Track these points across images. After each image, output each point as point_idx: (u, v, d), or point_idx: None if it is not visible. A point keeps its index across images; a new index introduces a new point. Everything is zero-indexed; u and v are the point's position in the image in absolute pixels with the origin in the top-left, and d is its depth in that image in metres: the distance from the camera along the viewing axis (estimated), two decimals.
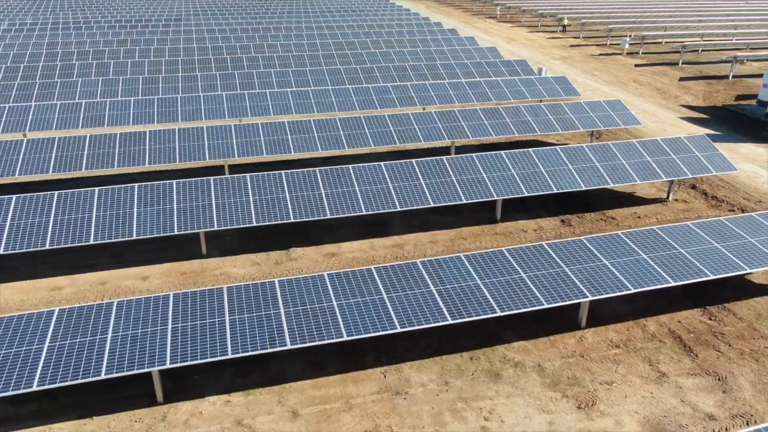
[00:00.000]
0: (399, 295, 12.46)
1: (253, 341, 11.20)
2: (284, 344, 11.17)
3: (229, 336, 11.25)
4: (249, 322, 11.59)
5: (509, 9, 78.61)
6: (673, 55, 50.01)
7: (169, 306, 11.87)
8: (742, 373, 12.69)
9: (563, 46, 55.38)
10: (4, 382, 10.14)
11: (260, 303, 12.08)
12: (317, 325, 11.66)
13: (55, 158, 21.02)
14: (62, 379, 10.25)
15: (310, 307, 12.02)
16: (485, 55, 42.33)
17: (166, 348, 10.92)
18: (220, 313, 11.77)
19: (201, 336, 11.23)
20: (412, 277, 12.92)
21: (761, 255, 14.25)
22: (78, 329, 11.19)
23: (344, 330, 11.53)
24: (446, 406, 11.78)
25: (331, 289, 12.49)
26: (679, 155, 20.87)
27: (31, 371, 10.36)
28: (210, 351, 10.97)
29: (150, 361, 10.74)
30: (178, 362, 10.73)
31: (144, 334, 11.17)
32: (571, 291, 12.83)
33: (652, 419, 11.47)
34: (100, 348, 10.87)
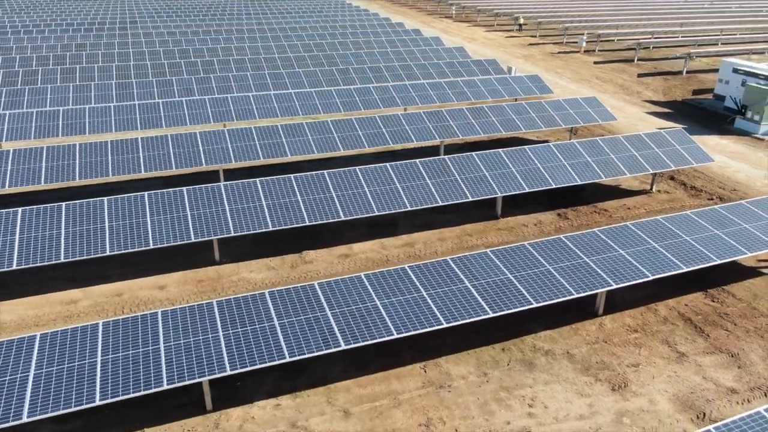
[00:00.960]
0: (438, 292, 12.87)
1: (307, 344, 11.38)
2: (338, 345, 11.41)
3: (283, 340, 11.40)
4: (299, 325, 11.76)
5: (464, 9, 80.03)
6: (627, 52, 52.24)
7: (215, 313, 11.90)
8: (751, 349, 13.72)
9: (522, 44, 56.93)
10: (65, 398, 9.99)
11: (305, 306, 12.25)
12: (366, 325, 11.94)
13: (45, 169, 20.39)
14: (124, 392, 10.18)
15: (355, 307, 12.28)
16: (454, 54, 43.18)
17: (223, 355, 10.97)
18: (268, 318, 11.88)
19: (254, 341, 11.33)
20: (446, 274, 13.35)
21: (757, 239, 15.38)
22: (128, 341, 11.10)
23: (393, 328, 11.86)
24: (490, 396, 12.27)
25: (371, 290, 12.78)
26: (662, 149, 22.09)
27: (90, 386, 10.23)
28: (267, 355, 11.09)
29: (209, 369, 10.77)
30: (237, 368, 10.81)
31: (196, 343, 11.18)
32: (595, 280, 13.55)
33: (681, 396, 12.30)
34: (156, 359, 10.82)
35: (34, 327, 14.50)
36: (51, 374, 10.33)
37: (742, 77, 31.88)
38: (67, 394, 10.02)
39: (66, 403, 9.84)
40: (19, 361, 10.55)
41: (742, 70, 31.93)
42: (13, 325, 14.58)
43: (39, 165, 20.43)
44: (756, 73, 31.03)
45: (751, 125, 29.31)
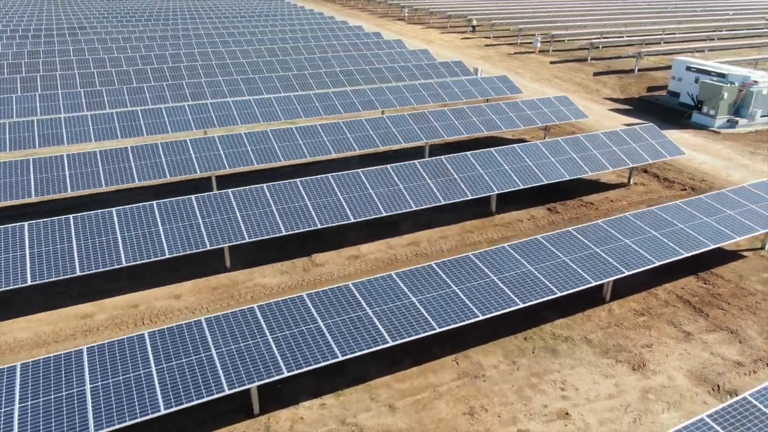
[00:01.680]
0: (467, 286, 13.44)
1: (356, 342, 11.72)
2: (386, 342, 11.79)
3: (331, 340, 11.69)
4: (343, 325, 12.07)
5: (416, 11, 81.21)
6: (579, 52, 54.47)
7: (258, 318, 12.06)
8: (747, 326, 14.93)
9: (478, 46, 58.41)
10: (129, 409, 9.96)
11: (345, 306, 12.57)
12: (407, 321, 12.37)
13: (34, 181, 19.81)
14: (187, 399, 10.25)
15: (393, 305, 12.69)
16: (419, 57, 43.98)
17: (277, 359, 11.17)
18: (312, 320, 12.13)
19: (304, 343, 11.58)
20: (471, 269, 13.94)
21: (743, 225, 16.71)
22: (179, 349, 11.14)
23: (434, 323, 12.34)
24: (523, 383, 12.93)
25: (405, 287, 13.22)
26: (638, 144, 23.44)
27: (151, 396, 10.24)
28: (320, 356, 11.36)
29: (263, 373, 10.96)
30: (294, 370, 11.04)
31: (247, 347, 11.33)
32: (608, 268, 14.45)
33: (695, 371, 13.31)
34: (211, 366, 10.92)
35: (54, 343, 14.20)
36: (108, 386, 10.29)
37: (695, 75, 33.98)
38: (129, 406, 10.02)
39: (131, 415, 9.84)
40: (72, 375, 10.44)
41: (694, 68, 34.04)
42: (30, 342, 14.23)
43: (27, 178, 19.81)
44: (708, 71, 33.16)
45: (707, 119, 31.31)
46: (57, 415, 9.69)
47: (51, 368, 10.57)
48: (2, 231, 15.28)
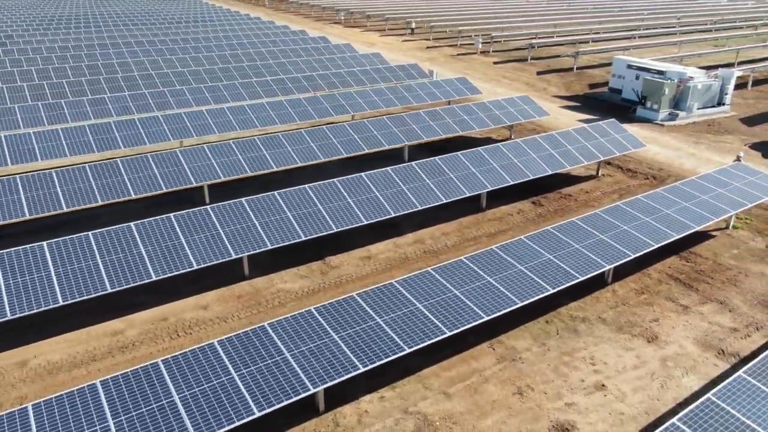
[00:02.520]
0: (501, 276, 14.48)
1: (417, 336, 12.47)
2: (443, 333, 12.62)
3: (395, 336, 12.38)
4: (401, 321, 12.79)
5: (352, 14, 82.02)
6: (518, 52, 57.13)
7: (319, 319, 12.57)
8: (732, 296, 16.84)
9: (420, 48, 59.98)
10: (224, 415, 10.26)
11: (396, 303, 13.29)
12: (457, 313, 13.25)
13: (26, 199, 19.17)
14: (277, 401, 10.66)
15: (439, 299, 13.53)
16: (372, 60, 44.86)
17: (348, 355, 11.75)
18: (370, 317, 12.77)
19: (368, 340, 12.21)
20: (499, 261, 15.00)
21: (716, 208, 18.72)
22: (253, 356, 11.49)
23: (482, 313, 13.28)
24: (557, 362, 14.12)
25: (444, 281, 14.09)
26: (605, 138, 25.40)
27: (241, 401, 10.56)
28: (392, 351, 12.03)
29: (336, 374, 11.50)
30: (367, 365, 11.66)
31: (318, 348, 11.84)
32: (617, 253, 15.92)
33: (700, 339, 14.97)
34: (289, 367, 11.35)
35: (92, 362, 14.06)
36: (196, 395, 10.53)
37: (635, 72, 36.76)
38: (224, 411, 10.32)
39: (228, 420, 10.16)
40: (156, 387, 10.59)
41: (635, 66, 36.82)
42: (66, 363, 14.01)
43: (17, 196, 19.13)
44: (647, 68, 35.99)
45: (651, 113, 34.04)
46: (155, 427, 9.88)
47: (132, 382, 10.67)
48: (22, 252, 14.89)
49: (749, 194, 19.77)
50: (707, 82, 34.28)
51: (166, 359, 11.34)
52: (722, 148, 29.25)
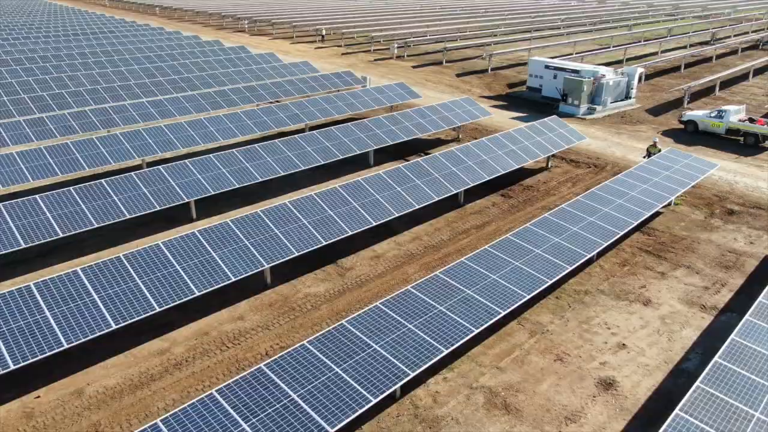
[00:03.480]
0: (524, 260, 16.26)
1: (479, 318, 13.89)
2: (497, 314, 14.14)
3: (462, 320, 13.72)
4: (459, 306, 14.15)
5: (256, 22, 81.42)
6: (431, 55, 59.96)
7: (387, 312, 13.62)
8: (694, 261, 19.84)
9: (336, 54, 61.20)
10: (344, 405, 11.08)
11: (448, 292, 14.63)
12: (505, 295, 14.83)
13: (16, 228, 18.34)
14: (379, 392, 11.63)
15: (482, 284, 15.05)
16: (303, 69, 45.51)
17: (432, 342, 12.93)
18: (432, 306, 14.02)
19: (440, 326, 13.46)
20: (516, 247, 16.80)
21: (670, 188, 21.81)
22: (346, 351, 12.34)
23: (524, 290, 14.97)
24: (579, 330, 16.14)
25: (482, 268, 15.63)
26: (553, 133, 28.21)
27: (351, 393, 11.43)
28: (452, 339, 13.35)
29: (411, 368, 12.67)
30: (435, 356, 12.92)
31: (397, 340, 12.91)
32: (608, 233, 18.29)
33: (683, 298, 17.67)
34: (383, 360, 12.33)
35: (151, 382, 14.11)
36: (311, 391, 11.25)
37: (553, 72, 40.45)
38: (341, 404, 11.14)
39: (351, 409, 11.01)
40: (271, 389, 11.18)
41: (552, 66, 40.52)
42: (125, 386, 13.96)
43: (6, 225, 18.22)
44: (564, 68, 39.76)
45: (572, 108, 37.74)
46: (286, 423, 10.53)
47: (247, 387, 11.19)
48: (59, 280, 14.53)
49: (689, 174, 23.13)
50: (617, 78, 38.57)
51: (268, 363, 11.92)
52: (640, 137, 33.26)
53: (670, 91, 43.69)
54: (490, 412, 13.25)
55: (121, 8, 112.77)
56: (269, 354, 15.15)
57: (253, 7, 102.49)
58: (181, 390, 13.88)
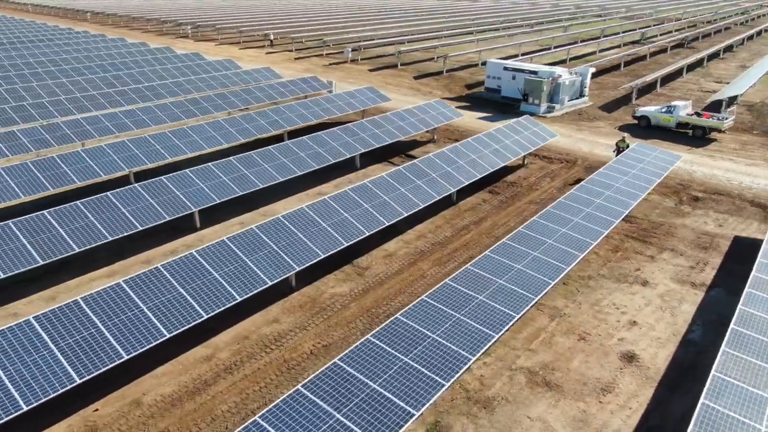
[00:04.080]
0: (543, 248, 17.60)
1: (503, 319, 15.07)
2: (512, 319, 15.36)
3: (495, 317, 14.84)
4: (495, 295, 15.28)
5: (198, 27, 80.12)
6: (384, 59, 61.08)
7: (433, 305, 14.58)
8: (675, 244, 21.86)
9: (290, 59, 61.35)
10: (422, 391, 11.94)
11: (482, 284, 15.74)
12: (526, 285, 16.08)
13: (30, 245, 18.05)
14: (448, 376, 12.58)
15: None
16: (266, 75, 45.63)
17: (484, 330, 13.99)
18: (464, 305, 15.08)
19: (472, 332, 14.54)
20: (532, 240, 18.14)
21: (648, 179, 23.84)
22: (409, 342, 13.21)
23: (548, 277, 16.27)
24: (593, 311, 17.64)
25: (506, 259, 16.83)
26: (528, 132, 29.94)
27: (425, 378, 12.31)
28: (494, 331, 14.48)
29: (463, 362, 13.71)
30: (477, 353, 14.01)
31: (453, 326, 13.89)
32: (605, 222, 19.95)
33: (674, 277, 19.55)
34: (444, 349, 13.28)
35: (208, 387, 14.46)
36: (389, 380, 12.05)
37: (512, 73, 42.47)
38: (419, 389, 12.01)
39: (428, 393, 11.89)
40: (353, 382, 11.90)
41: (511, 68, 42.54)
42: (183, 393, 14.26)
43: (20, 243, 17.92)
44: (522, 69, 41.86)
45: (533, 108, 39.83)
46: (373, 409, 11.31)
47: (331, 382, 11.87)
48: (105, 293, 14.60)
49: (660, 166, 25.32)
50: (572, 78, 41.02)
51: (341, 357, 12.62)
52: (600, 132, 35.66)
53: (618, 88, 46.76)
54: (533, 389, 14.46)
55: (46, 14, 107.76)
56: (314, 353, 15.77)
57: (185, 11, 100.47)
58: (239, 392, 14.31)
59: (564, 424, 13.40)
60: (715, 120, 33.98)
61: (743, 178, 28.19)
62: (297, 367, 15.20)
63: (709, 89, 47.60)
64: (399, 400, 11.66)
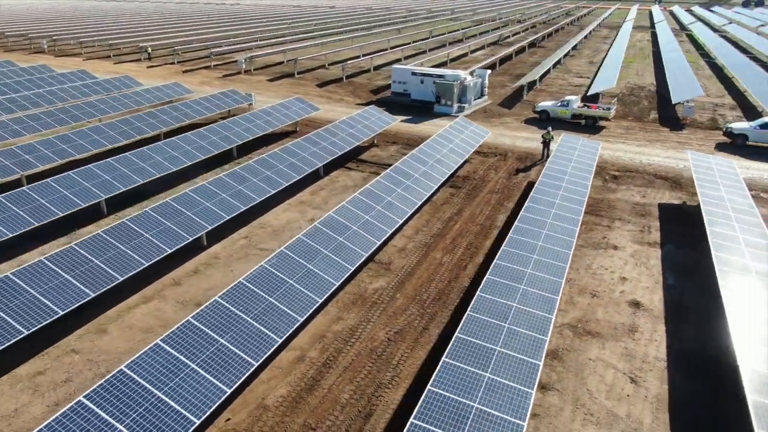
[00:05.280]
0: (551, 232, 21.04)
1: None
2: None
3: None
4: (538, 267, 18.35)
5: (56, 42, 74.23)
6: (278, 67, 61.74)
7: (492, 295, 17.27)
8: (620, 214, 26.61)
9: (178, 72, 59.84)
10: (527, 379, 14.54)
11: (523, 259, 18.71)
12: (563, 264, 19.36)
13: (74, 278, 17.76)
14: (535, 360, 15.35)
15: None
16: (178, 91, 44.81)
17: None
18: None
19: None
20: (530, 227, 21.53)
21: (589, 164, 28.52)
22: (490, 337, 15.75)
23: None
24: (590, 274, 21.43)
25: (517, 248, 19.98)
26: (468, 131, 33.61)
27: (520, 362, 14.94)
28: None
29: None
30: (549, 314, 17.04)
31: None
32: (574, 215, 23.99)
33: (634, 240, 24.11)
34: (525, 339, 16.00)
35: (318, 382, 15.80)
36: (500, 365, 14.53)
37: (420, 78, 46.12)
38: (524, 375, 14.63)
39: (530, 380, 14.54)
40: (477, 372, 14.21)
41: (419, 73, 46.20)
42: (298, 390, 15.45)
43: (63, 279, 17.54)
44: (430, 74, 45.70)
45: (447, 108, 43.85)
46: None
47: (454, 375, 14.05)
48: (209, 309, 15.26)
49: (592, 153, 30.25)
50: (475, 80, 45.71)
51: (448, 350, 14.88)
52: (511, 127, 40.56)
53: (512, 87, 52.63)
54: (581, 339, 17.76)
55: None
56: (390, 339, 17.66)
57: (24, 23, 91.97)
58: (350, 380, 15.84)
59: (617, 359, 16.84)
60: (602, 110, 40.40)
61: (641, 157, 34.35)
62: (384, 353, 17.00)
63: (577, 83, 55.36)
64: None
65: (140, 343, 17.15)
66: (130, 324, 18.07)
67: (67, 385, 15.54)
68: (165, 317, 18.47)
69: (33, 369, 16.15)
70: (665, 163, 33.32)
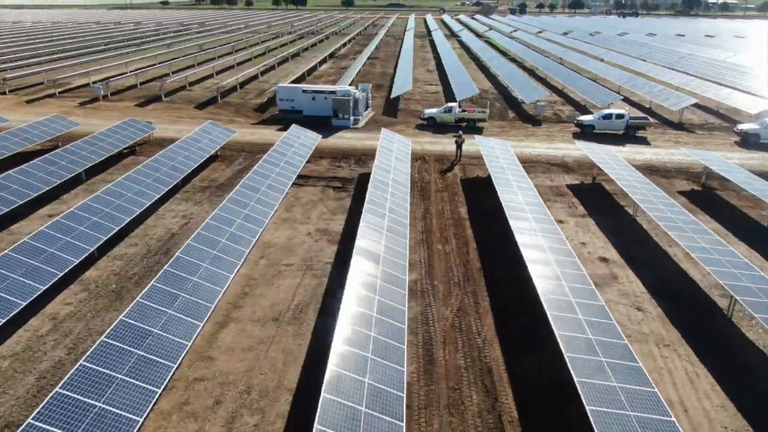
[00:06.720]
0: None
1: None
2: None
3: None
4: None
5: None
6: (142, 91, 58.85)
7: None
8: (547, 196, 33.24)
9: (24, 104, 54.30)
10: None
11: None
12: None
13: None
14: None
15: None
16: (65, 125, 41.87)
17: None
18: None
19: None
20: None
21: (513, 159, 34.73)
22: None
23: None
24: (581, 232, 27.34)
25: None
26: (397, 140, 37.88)
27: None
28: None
29: None
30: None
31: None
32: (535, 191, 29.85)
33: (569, 214, 30.60)
34: None
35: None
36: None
37: (311, 95, 48.98)
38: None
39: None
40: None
41: (310, 90, 49.08)
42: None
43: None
44: (321, 91, 48.87)
45: (345, 121, 47.43)
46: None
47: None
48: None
49: (506, 149, 36.57)
50: (361, 94, 50.01)
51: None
52: (409, 134, 45.56)
53: (382, 97, 57.69)
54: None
55: None
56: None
57: None
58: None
59: (619, 298, 22.70)
60: (479, 113, 47.57)
61: (528, 150, 41.82)
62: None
63: (432, 91, 62.68)
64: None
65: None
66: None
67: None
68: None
69: None
70: (548, 153, 41.22)
